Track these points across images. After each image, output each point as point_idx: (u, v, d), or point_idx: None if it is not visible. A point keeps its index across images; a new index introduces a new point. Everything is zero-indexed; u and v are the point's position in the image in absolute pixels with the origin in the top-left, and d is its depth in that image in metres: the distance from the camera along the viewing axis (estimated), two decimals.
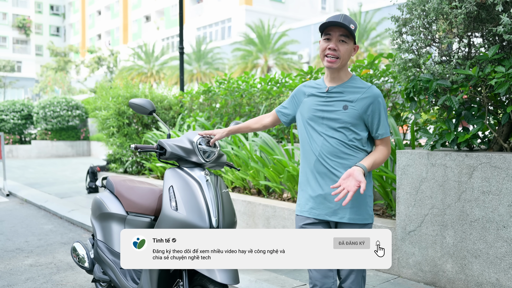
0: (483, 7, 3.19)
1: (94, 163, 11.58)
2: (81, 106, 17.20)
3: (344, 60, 2.31)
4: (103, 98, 7.57)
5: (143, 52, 34.30)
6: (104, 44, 49.95)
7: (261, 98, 6.14)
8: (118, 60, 39.30)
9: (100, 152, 16.58)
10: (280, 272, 3.88)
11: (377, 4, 25.33)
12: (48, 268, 4.41)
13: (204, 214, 2.58)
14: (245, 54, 28.16)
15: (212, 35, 38.45)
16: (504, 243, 3.08)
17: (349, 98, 2.32)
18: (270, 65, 28.02)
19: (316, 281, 2.36)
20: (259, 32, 27.81)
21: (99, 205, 3.46)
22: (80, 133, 17.69)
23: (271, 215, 4.81)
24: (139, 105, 3.00)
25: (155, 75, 33.46)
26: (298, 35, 29.25)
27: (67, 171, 12.15)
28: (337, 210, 2.33)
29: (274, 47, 27.82)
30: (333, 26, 2.28)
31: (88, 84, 43.90)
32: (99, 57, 37.80)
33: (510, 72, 2.96)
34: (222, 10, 37.80)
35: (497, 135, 3.33)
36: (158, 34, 43.71)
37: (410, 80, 3.55)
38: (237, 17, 36.55)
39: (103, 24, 52.02)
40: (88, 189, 8.24)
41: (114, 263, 3.18)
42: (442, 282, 3.44)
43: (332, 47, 2.29)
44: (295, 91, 2.56)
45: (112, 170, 8.04)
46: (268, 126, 2.76)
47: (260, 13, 35.90)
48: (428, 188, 3.48)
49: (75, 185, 9.36)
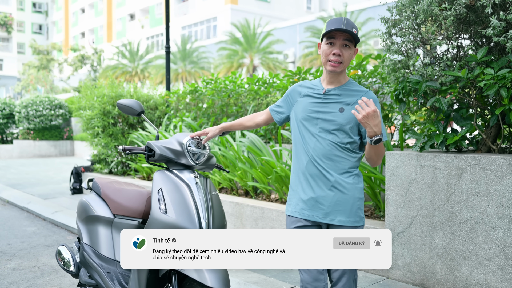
0: (472, 9, 3.20)
1: (78, 163, 11.42)
2: (64, 105, 16.97)
3: (346, 64, 2.32)
4: (87, 98, 7.46)
5: (128, 50, 33.99)
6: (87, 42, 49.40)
7: (248, 98, 6.11)
8: (102, 59, 38.90)
9: (84, 152, 16.38)
10: (269, 274, 3.85)
11: (362, 5, 25.47)
12: (32, 272, 4.32)
13: (194, 217, 2.54)
14: (231, 53, 28.09)
15: (197, 34, 38.29)
16: (492, 244, 3.10)
17: (346, 100, 2.31)
18: (256, 64, 28.00)
19: (308, 284, 2.34)
20: (244, 31, 27.76)
21: (85, 207, 3.39)
22: (64, 132, 17.45)
23: (259, 217, 4.78)
24: (127, 106, 2.94)
25: (140, 74, 33.18)
26: (283, 35, 29.27)
27: (50, 172, 11.97)
28: (329, 212, 2.31)
29: (259, 46, 27.80)
30: (337, 31, 2.26)
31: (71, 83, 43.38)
32: (82, 55, 37.38)
33: (499, 74, 2.98)
34: (208, 9, 37.66)
35: (485, 137, 3.35)
36: (142, 32, 43.38)
37: (400, 82, 3.55)
38: (223, 16, 36.44)
39: (87, 22, 51.44)
40: (72, 190, 8.13)
41: (101, 267, 3.12)
42: (431, 283, 3.45)
43: (336, 52, 2.27)
44: (290, 90, 2.54)
45: (96, 170, 7.93)
46: (261, 124, 2.72)
47: (246, 12, 35.85)
48: (417, 189, 3.49)
49: (59, 186, 9.21)
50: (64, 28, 55.40)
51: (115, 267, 3.13)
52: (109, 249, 3.19)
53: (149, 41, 42.74)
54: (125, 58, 34.12)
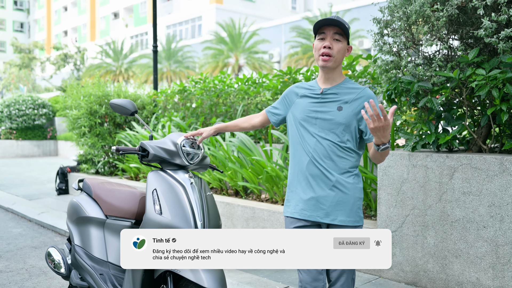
0: (463, 10, 3.23)
1: (64, 163, 11.27)
2: (47, 105, 16.73)
3: (338, 59, 2.30)
4: (73, 97, 7.36)
5: (112, 49, 33.65)
6: (70, 41, 48.80)
7: (238, 98, 6.09)
8: (85, 58, 38.46)
9: (69, 152, 16.18)
10: (261, 274, 3.84)
11: (347, 5, 25.62)
12: (20, 274, 4.24)
13: (189, 218, 2.52)
14: (216, 53, 28.01)
15: (182, 33, 38.11)
16: (484, 243, 3.14)
17: (344, 99, 2.31)
18: (241, 64, 27.96)
19: (307, 284, 2.33)
20: (230, 31, 27.71)
21: (76, 208, 3.34)
22: (47, 132, 17.20)
23: (250, 217, 4.77)
24: (121, 106, 2.91)
25: (124, 73, 32.90)
26: (268, 35, 29.30)
27: (34, 172, 11.79)
28: (329, 212, 2.31)
29: (245, 46, 27.78)
30: (327, 25, 2.27)
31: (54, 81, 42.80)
32: (65, 54, 36.89)
33: (490, 75, 3.01)
34: (192, 8, 37.52)
35: (476, 137, 3.39)
36: (126, 31, 43.01)
37: (392, 82, 3.57)
38: (208, 16, 36.33)
39: (70, 21, 50.82)
40: (57, 190, 8.02)
41: (93, 269, 3.07)
42: (423, 282, 3.48)
43: (326, 45, 2.28)
44: (287, 91, 2.54)
45: (83, 171, 7.83)
46: (257, 126, 2.72)
47: (231, 12, 35.80)
48: (409, 189, 3.51)
49: (44, 186, 9.08)
50: (46, 26, 54.64)
51: (107, 269, 3.09)
52: (101, 250, 3.15)
53: (133, 40, 42.40)
54: (109, 57, 33.79)
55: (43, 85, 43.08)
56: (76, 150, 8.17)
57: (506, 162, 3.01)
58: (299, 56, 24.31)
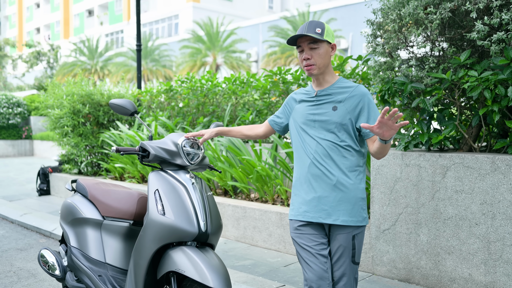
0: (455, 13, 3.32)
1: (44, 163, 11.06)
2: (23, 104, 16.38)
3: (321, 64, 2.35)
4: (55, 96, 7.23)
5: (86, 47, 33.11)
6: (43, 38, 47.80)
7: (225, 97, 6.10)
8: (59, 56, 37.72)
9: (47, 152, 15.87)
10: (256, 273, 3.86)
11: (324, 5, 25.83)
12: (8, 277, 4.16)
13: (192, 218, 2.52)
14: (194, 51, 27.87)
15: (158, 31, 37.78)
16: (476, 240, 3.23)
17: (338, 98, 2.36)
18: (219, 63, 27.90)
19: (312, 282, 2.36)
20: (207, 29, 27.60)
21: (71, 210, 3.30)
22: (22, 131, 16.82)
23: (241, 216, 4.78)
24: (120, 106, 2.89)
25: (100, 72, 32.41)
26: (246, 34, 29.31)
27: (11, 172, 11.52)
28: (331, 212, 2.34)
29: (223, 45, 27.72)
30: (299, 38, 2.32)
31: (26, 80, 41.83)
32: (38, 51, 36.10)
33: (482, 76, 3.10)
34: (169, 6, 37.21)
35: (467, 136, 3.48)
36: (101, 29, 42.37)
37: (385, 83, 3.64)
38: (185, 14, 36.11)
39: (42, 18, 49.75)
40: (39, 191, 7.87)
41: (91, 270, 3.04)
42: (416, 279, 3.56)
43: (305, 57, 2.34)
44: (287, 99, 2.62)
45: (65, 171, 7.70)
46: (261, 136, 2.78)
47: (208, 11, 35.68)
48: (403, 187, 3.59)
49: (23, 187, 8.89)
50: (17, 23, 53.37)
51: (105, 270, 3.06)
52: (98, 251, 3.12)
53: (108, 38, 41.81)
54: (83, 55, 33.22)
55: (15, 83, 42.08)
56: (58, 150, 8.02)
57: (497, 161, 3.11)
58: (278, 56, 24.40)
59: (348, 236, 2.37)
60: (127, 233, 3.10)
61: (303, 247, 2.39)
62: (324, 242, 2.38)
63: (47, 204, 7.10)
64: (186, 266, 2.41)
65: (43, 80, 33.56)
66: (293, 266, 4.04)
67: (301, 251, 2.41)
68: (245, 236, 4.79)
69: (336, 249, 2.38)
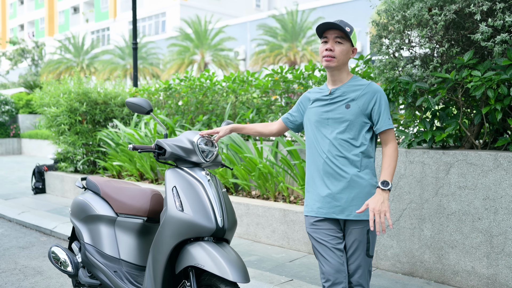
0: (459, 15, 3.43)
1: (39, 162, 10.98)
2: (10, 102, 16.19)
3: (340, 60, 2.42)
4: (51, 94, 7.20)
5: (72, 44, 32.79)
6: (27, 35, 47.16)
7: (224, 96, 6.15)
8: (44, 53, 37.27)
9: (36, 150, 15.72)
10: (263, 269, 3.94)
11: (312, 4, 25.96)
12: (14, 275, 4.17)
13: (210, 214, 2.58)
14: (182, 49, 27.77)
15: (145, 29, 37.56)
16: (479, 234, 3.35)
17: (351, 96, 2.44)
18: (207, 61, 27.86)
19: (329, 275, 2.44)
20: (195, 27, 27.54)
21: (83, 207, 3.34)
22: (10, 130, 16.63)
23: (244, 213, 4.85)
24: (137, 104, 2.94)
25: (86, 69, 32.14)
26: (234, 32, 29.32)
27: (1, 171, 11.41)
28: (345, 208, 2.43)
29: (211, 43, 27.68)
30: (329, 28, 2.40)
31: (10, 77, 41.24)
32: (22, 49, 35.62)
33: (485, 76, 3.22)
34: (156, 4, 37.02)
35: (469, 134, 3.60)
36: (87, 26, 41.97)
37: (389, 82, 3.74)
38: (172, 12, 35.97)
39: (26, 14, 49.07)
40: (34, 189, 7.84)
41: (106, 267, 3.09)
42: (419, 272, 3.67)
43: (328, 47, 2.41)
44: (301, 98, 2.68)
45: (61, 169, 7.68)
46: (274, 133, 2.85)
47: (195, 9, 35.60)
48: (407, 184, 3.69)
49: (16, 186, 8.83)
50: (0, 20, 52.54)
51: (120, 266, 3.11)
52: (113, 248, 3.17)
53: (94, 36, 41.45)
54: (69, 53, 32.90)
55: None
56: (54, 148, 7.99)
57: (500, 158, 3.23)
58: (266, 54, 24.46)
59: (362, 230, 2.45)
60: (141, 229, 3.16)
61: (320, 242, 2.47)
62: (339, 237, 2.47)
63: (44, 203, 7.08)
64: (205, 260, 2.47)
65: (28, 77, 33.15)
66: (298, 262, 4.13)
67: (318, 245, 2.48)
68: (248, 233, 4.86)
69: (352, 243, 2.46)
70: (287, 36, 24.49)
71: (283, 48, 24.17)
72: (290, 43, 24.37)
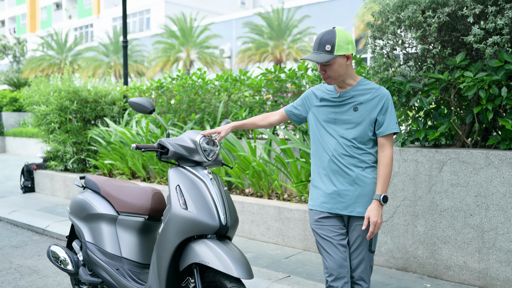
0: (451, 17, 3.53)
1: (28, 160, 10.87)
2: None
3: (337, 75, 2.47)
4: (41, 93, 7.15)
5: (54, 41, 32.37)
6: (8, 31, 46.41)
7: (216, 95, 6.19)
8: (25, 50, 36.74)
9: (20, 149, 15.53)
10: (259, 265, 4.00)
11: (298, 2, 26.07)
12: (10, 274, 4.17)
13: (213, 212, 2.64)
14: (167, 47, 27.64)
15: (129, 26, 37.26)
16: (471, 230, 3.46)
17: (359, 100, 2.51)
18: (193, 59, 27.79)
19: (333, 270, 2.52)
20: (181, 25, 27.42)
21: (84, 205, 3.36)
22: None
23: (239, 210, 4.91)
24: (140, 104, 2.97)
25: (69, 67, 31.78)
26: (219, 30, 29.29)
27: None
28: (349, 205, 2.51)
29: (196, 40, 27.59)
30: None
31: None
32: (3, 45, 35.08)
33: (478, 77, 3.32)
34: (141, 1, 36.75)
35: (461, 133, 3.71)
36: (70, 23, 41.46)
37: (384, 82, 3.83)
38: (156, 9, 35.75)
39: (7, 10, 48.26)
40: (23, 188, 7.78)
41: (109, 265, 3.12)
42: (413, 267, 3.77)
43: (321, 72, 2.50)
44: (306, 93, 2.71)
45: (51, 168, 7.64)
46: (274, 124, 2.88)
47: (180, 6, 35.43)
48: (400, 181, 3.79)
49: (3, 184, 8.74)
50: None
51: (122, 264, 3.15)
52: (114, 246, 3.20)
53: (77, 32, 40.98)
54: (52, 50, 32.47)
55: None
56: (44, 146, 7.94)
57: (491, 156, 3.34)
58: (252, 52, 24.49)
59: None
60: (142, 228, 3.20)
61: (324, 238, 2.54)
62: (343, 233, 2.54)
63: (34, 201, 7.04)
64: (209, 257, 2.52)
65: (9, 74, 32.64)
66: (294, 258, 4.20)
67: (322, 241, 2.56)
68: (243, 230, 4.92)
69: (355, 239, 2.54)
70: (273, 34, 24.54)
71: (269, 46, 24.23)
72: (276, 41, 24.43)
